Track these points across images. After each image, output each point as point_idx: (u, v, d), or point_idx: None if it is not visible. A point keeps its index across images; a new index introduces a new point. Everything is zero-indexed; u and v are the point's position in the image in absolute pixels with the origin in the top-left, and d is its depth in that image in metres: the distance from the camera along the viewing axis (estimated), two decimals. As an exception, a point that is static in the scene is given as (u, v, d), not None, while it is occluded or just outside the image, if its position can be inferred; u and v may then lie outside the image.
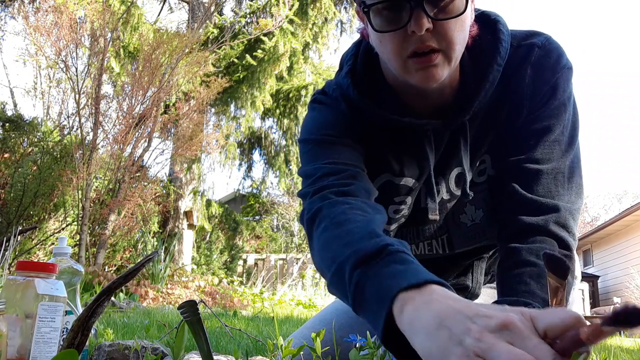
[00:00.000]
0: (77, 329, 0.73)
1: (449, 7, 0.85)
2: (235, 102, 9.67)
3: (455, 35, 0.87)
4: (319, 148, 1.01)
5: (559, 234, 0.92)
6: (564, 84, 1.00)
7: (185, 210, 9.27)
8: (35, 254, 6.55)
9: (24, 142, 7.09)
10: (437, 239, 1.15)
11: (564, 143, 0.99)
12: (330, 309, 1.37)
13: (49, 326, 0.92)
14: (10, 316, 0.90)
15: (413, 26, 0.84)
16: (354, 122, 1.03)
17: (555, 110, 0.99)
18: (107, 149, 6.63)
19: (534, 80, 1.00)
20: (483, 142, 1.05)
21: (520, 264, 0.90)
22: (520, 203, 0.97)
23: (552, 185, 0.97)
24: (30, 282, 0.93)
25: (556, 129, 0.99)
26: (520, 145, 1.00)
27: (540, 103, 1.00)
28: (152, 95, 6.58)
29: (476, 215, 1.10)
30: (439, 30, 0.86)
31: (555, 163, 0.98)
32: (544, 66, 1.00)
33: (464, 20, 0.89)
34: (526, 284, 0.86)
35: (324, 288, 8.90)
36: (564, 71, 1.00)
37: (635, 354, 2.21)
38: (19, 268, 0.95)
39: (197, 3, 9.88)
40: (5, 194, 6.32)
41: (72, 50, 6.43)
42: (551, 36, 1.04)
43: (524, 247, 0.92)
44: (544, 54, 1.00)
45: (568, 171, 0.98)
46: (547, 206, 0.94)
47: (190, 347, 1.37)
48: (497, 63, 0.97)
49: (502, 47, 0.98)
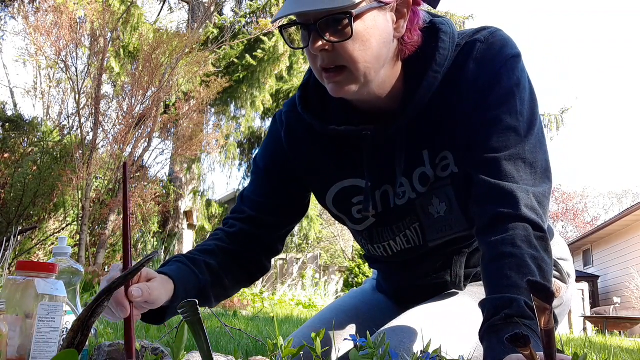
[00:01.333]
0: (77, 329, 0.73)
1: (341, 31, 0.95)
2: (235, 102, 9.68)
3: (355, 55, 0.96)
4: (252, 177, 1.28)
5: (529, 217, 0.93)
6: (508, 72, 1.02)
7: (185, 210, 9.28)
8: (35, 254, 6.56)
9: (24, 142, 7.09)
10: (410, 228, 1.17)
11: (521, 129, 1.00)
12: (330, 309, 1.38)
13: (49, 326, 0.92)
14: (10, 316, 0.90)
15: (310, 47, 0.97)
16: (293, 143, 1.20)
17: (503, 98, 1.01)
18: (107, 149, 6.64)
19: (477, 74, 1.03)
20: (441, 139, 1.08)
21: (498, 257, 0.91)
22: (487, 192, 0.99)
23: (514, 171, 0.98)
24: (30, 282, 0.93)
25: (507, 116, 1.01)
26: (476, 137, 1.03)
27: (485, 93, 1.02)
28: (152, 95, 6.58)
29: (440, 208, 1.13)
30: (338, 50, 0.96)
31: (513, 149, 0.99)
32: (486, 59, 1.03)
33: (366, 40, 0.96)
34: (508, 278, 0.87)
35: (324, 288, 8.91)
36: (509, 60, 1.03)
37: (635, 354, 2.21)
38: (19, 268, 0.95)
39: (197, 3, 9.88)
40: (5, 194, 6.33)
41: (72, 50, 6.43)
42: (498, 29, 1.07)
43: (499, 238, 0.93)
44: (486, 48, 1.04)
45: (530, 156, 0.99)
46: (512, 192, 0.95)
47: (190, 347, 1.37)
48: (432, 70, 1.03)
49: (439, 54, 1.03)
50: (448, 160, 1.09)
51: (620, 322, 8.76)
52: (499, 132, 1.00)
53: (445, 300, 1.21)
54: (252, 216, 1.22)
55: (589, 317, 9.20)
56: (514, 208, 0.94)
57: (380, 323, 1.29)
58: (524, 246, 0.90)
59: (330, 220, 16.65)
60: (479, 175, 1.00)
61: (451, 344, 1.05)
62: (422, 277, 1.25)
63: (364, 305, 1.38)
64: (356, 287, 1.95)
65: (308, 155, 1.19)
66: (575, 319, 8.80)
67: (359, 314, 1.34)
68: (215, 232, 1.24)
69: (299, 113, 1.16)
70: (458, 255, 1.20)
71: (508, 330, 0.80)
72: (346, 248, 16.79)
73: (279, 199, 1.23)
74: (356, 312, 1.35)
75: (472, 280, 1.25)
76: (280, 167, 1.23)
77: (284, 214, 1.25)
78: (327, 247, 17.68)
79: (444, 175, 1.10)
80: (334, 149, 1.16)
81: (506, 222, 0.94)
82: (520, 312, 0.82)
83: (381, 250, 1.23)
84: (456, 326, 1.12)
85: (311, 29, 0.96)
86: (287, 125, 1.21)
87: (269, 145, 1.26)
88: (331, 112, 1.14)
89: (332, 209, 1.23)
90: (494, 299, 0.87)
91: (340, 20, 0.94)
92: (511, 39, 1.06)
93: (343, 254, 16.86)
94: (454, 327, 1.11)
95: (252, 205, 1.23)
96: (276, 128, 1.25)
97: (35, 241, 6.51)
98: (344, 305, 1.38)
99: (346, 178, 1.18)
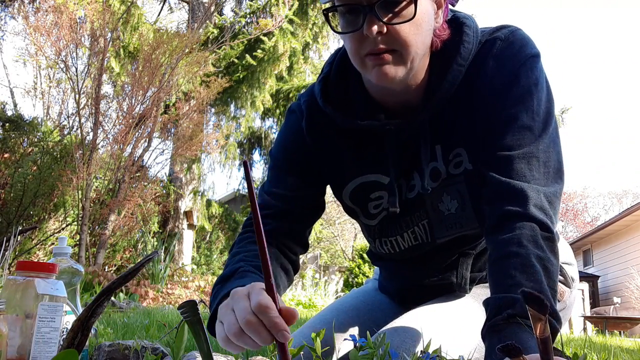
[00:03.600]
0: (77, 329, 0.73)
1: (400, 12, 0.93)
2: (235, 102, 9.68)
3: (409, 38, 0.95)
4: (273, 171, 1.22)
5: (537, 217, 0.93)
6: (527, 71, 1.02)
7: (185, 210, 9.27)
8: (35, 254, 6.56)
9: (24, 142, 7.09)
10: (419, 224, 1.16)
11: (536, 128, 1.00)
12: (331, 309, 1.37)
13: (49, 326, 0.92)
14: (10, 316, 0.90)
15: (365, 29, 0.93)
16: (314, 135, 1.16)
17: (520, 97, 1.01)
18: (107, 149, 6.64)
19: (496, 71, 1.03)
20: (456, 136, 1.08)
21: (504, 257, 0.91)
22: (497, 191, 0.98)
23: (527, 170, 0.97)
24: (30, 282, 0.93)
25: (523, 115, 1.00)
26: (490, 135, 1.02)
27: (503, 91, 1.02)
28: (152, 95, 6.58)
29: (451, 205, 1.12)
30: (392, 33, 0.94)
31: (527, 148, 0.99)
32: (505, 57, 1.03)
33: (419, 24, 0.95)
34: (512, 277, 0.87)
35: (324, 288, 8.91)
36: (528, 59, 1.03)
37: (635, 354, 2.21)
38: (19, 268, 0.95)
39: (197, 3, 9.88)
40: (5, 194, 6.33)
41: (72, 50, 6.43)
42: (518, 28, 1.07)
43: (506, 237, 0.92)
44: (506, 46, 1.04)
45: (543, 155, 0.99)
46: (522, 191, 0.95)
47: (190, 347, 1.37)
48: (457, 63, 1.03)
49: (464, 47, 1.03)
50: (462, 157, 1.09)
51: (620, 322, 8.76)
52: (514, 130, 1.00)
53: (448, 301, 1.21)
54: (283, 210, 1.16)
55: (589, 317, 9.20)
56: (522, 207, 0.93)
57: (380, 323, 1.28)
58: (530, 246, 0.89)
59: (330, 220, 16.65)
60: (490, 173, 1.00)
61: (452, 344, 1.04)
62: (427, 277, 1.24)
63: (365, 306, 1.38)
64: (356, 287, 1.94)
65: (329, 148, 1.17)
66: (575, 319, 8.80)
67: (359, 314, 1.34)
68: (244, 235, 1.16)
69: (320, 105, 1.13)
70: (465, 257, 1.20)
71: (509, 330, 0.80)
72: (346, 248, 16.80)
73: (305, 190, 1.19)
74: (356, 312, 1.34)
75: (478, 283, 1.25)
76: (302, 157, 1.18)
77: (311, 206, 1.21)
78: (327, 247, 17.69)
79: (457, 172, 1.10)
80: (355, 143, 1.14)
81: (514, 221, 0.93)
82: (522, 311, 0.82)
83: (388, 246, 1.22)
84: (457, 326, 1.11)
85: (366, 10, 0.93)
86: (309, 114, 1.16)
87: (287, 136, 1.21)
88: (353, 106, 1.11)
89: (348, 202, 1.21)
90: (497, 298, 0.86)
91: (399, 1, 0.93)
92: (531, 39, 1.06)
93: (343, 254, 16.87)
94: (455, 327, 1.11)
95: (280, 199, 1.17)
96: (295, 118, 1.20)
97: (35, 241, 6.51)
98: (344, 305, 1.38)
99: (366, 173, 1.16)
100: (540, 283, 0.85)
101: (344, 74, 1.13)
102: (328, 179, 1.22)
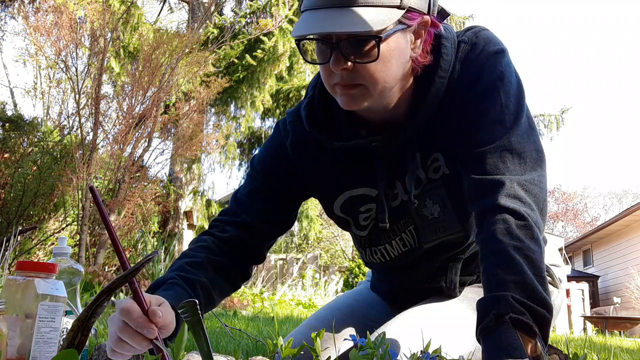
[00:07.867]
0: (77, 329, 0.73)
1: (366, 51, 0.93)
2: (235, 102, 9.67)
3: (376, 75, 0.95)
4: (249, 179, 1.24)
5: (510, 207, 0.92)
6: (490, 67, 1.02)
7: (185, 211, 9.27)
8: (35, 254, 6.56)
9: (24, 142, 7.09)
10: (406, 230, 1.17)
11: (507, 121, 1.00)
12: (325, 308, 1.40)
13: (49, 326, 0.92)
14: (10, 316, 0.90)
15: (332, 65, 0.94)
16: (299, 154, 1.18)
17: (486, 92, 1.02)
18: (107, 149, 6.63)
19: (462, 74, 1.04)
20: (432, 141, 1.09)
21: (484, 257, 0.92)
22: (474, 189, 0.99)
23: (500, 163, 0.98)
24: (30, 282, 0.93)
25: (491, 110, 1.01)
26: (463, 135, 1.03)
27: (470, 90, 1.03)
28: (152, 95, 6.57)
29: (434, 209, 1.13)
30: (359, 69, 0.95)
31: (499, 142, 0.99)
32: (469, 59, 1.04)
33: (387, 60, 0.95)
34: (495, 275, 0.87)
35: (323, 288, 8.90)
36: (491, 56, 1.03)
37: (635, 354, 2.21)
38: (19, 268, 0.95)
39: (197, 3, 9.88)
40: (5, 194, 6.33)
41: (72, 50, 6.43)
42: (483, 28, 1.07)
43: (483, 236, 0.94)
44: (469, 48, 1.05)
45: (518, 146, 0.99)
46: (495, 183, 0.96)
47: (190, 347, 1.37)
48: (438, 76, 1.03)
49: (443, 60, 1.03)
50: (439, 162, 1.10)
51: (620, 322, 8.76)
52: (485, 126, 1.01)
53: (446, 300, 1.21)
54: (247, 222, 1.18)
55: (589, 317, 9.19)
56: (493, 200, 0.94)
57: (374, 320, 1.30)
58: (505, 239, 0.90)
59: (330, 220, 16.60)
60: (468, 175, 1.01)
61: (452, 344, 1.05)
62: (417, 282, 1.26)
63: (358, 304, 1.39)
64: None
65: (315, 167, 1.18)
66: (575, 319, 8.80)
67: (353, 311, 1.35)
68: (202, 236, 1.19)
69: (306, 130, 1.15)
70: (454, 262, 1.20)
71: (499, 332, 0.80)
72: (346, 248, 16.79)
73: (275, 203, 1.21)
74: (350, 310, 1.36)
75: (469, 285, 1.26)
76: (280, 173, 1.21)
77: (279, 222, 1.23)
78: (327, 247, 17.67)
79: (436, 177, 1.11)
80: (342, 159, 1.15)
81: (488, 218, 0.94)
82: (508, 309, 0.81)
83: (378, 255, 1.23)
84: (457, 326, 1.12)
85: (333, 47, 0.93)
86: (294, 137, 1.18)
87: (270, 150, 1.24)
88: (338, 126, 1.13)
89: (340, 214, 1.22)
90: (482, 299, 0.87)
91: (366, 41, 0.92)
92: (495, 37, 1.06)
93: (343, 254, 16.86)
94: (455, 326, 1.12)
95: (248, 209, 1.20)
96: (280, 135, 1.22)
97: (35, 241, 6.50)
98: (338, 304, 1.40)
99: (354, 187, 1.17)
100: (523, 274, 0.86)
101: (328, 94, 1.12)
102: (316, 195, 1.24)
